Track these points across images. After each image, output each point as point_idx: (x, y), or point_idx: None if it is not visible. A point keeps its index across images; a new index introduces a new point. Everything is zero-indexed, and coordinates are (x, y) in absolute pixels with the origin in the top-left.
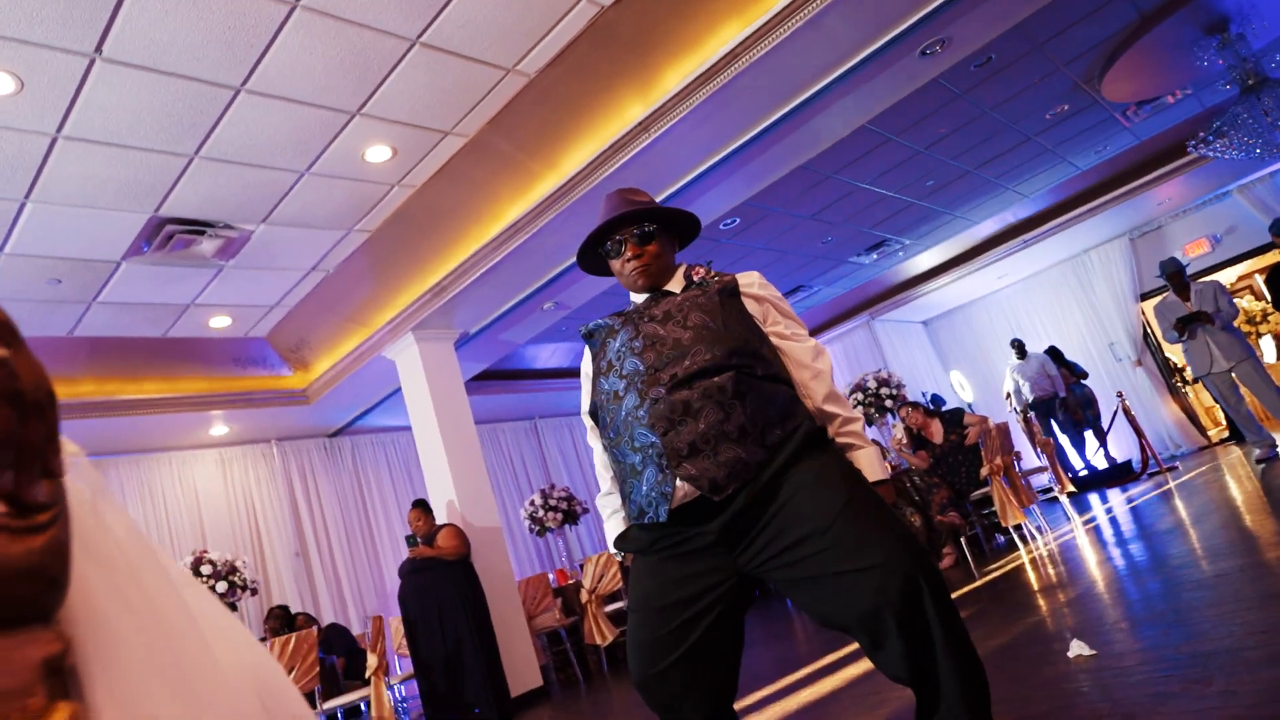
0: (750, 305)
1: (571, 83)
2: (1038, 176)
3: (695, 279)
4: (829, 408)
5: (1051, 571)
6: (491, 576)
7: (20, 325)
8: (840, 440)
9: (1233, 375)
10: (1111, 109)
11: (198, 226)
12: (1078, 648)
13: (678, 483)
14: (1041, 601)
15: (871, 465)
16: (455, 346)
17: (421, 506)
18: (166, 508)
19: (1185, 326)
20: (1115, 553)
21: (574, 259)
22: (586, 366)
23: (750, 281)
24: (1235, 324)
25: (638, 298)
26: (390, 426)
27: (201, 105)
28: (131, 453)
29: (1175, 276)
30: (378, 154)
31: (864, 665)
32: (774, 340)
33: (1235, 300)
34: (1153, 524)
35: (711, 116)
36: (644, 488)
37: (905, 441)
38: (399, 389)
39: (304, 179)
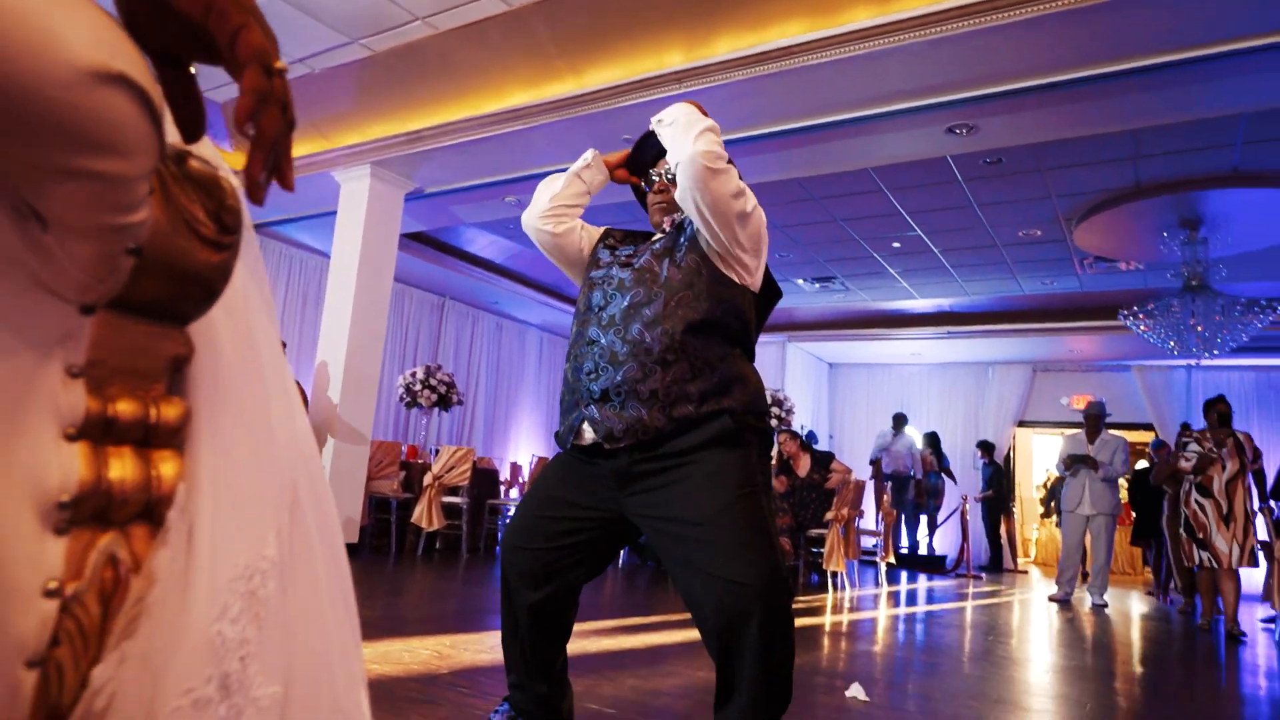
0: (696, 226)
1: (630, 3)
2: (986, 280)
3: (667, 228)
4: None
5: (848, 620)
6: (349, 419)
7: None
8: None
9: (1088, 522)
10: (1074, 252)
11: None
12: (856, 690)
13: (584, 425)
14: (833, 643)
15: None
16: (405, 198)
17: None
18: None
19: (1073, 464)
20: (908, 625)
21: (556, 167)
22: (584, 240)
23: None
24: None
25: (656, 236)
26: (305, 245)
27: None
28: None
29: (1093, 420)
30: None
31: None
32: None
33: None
34: (944, 615)
35: (742, 98)
36: (566, 415)
37: (774, 464)
38: (331, 212)
39: None
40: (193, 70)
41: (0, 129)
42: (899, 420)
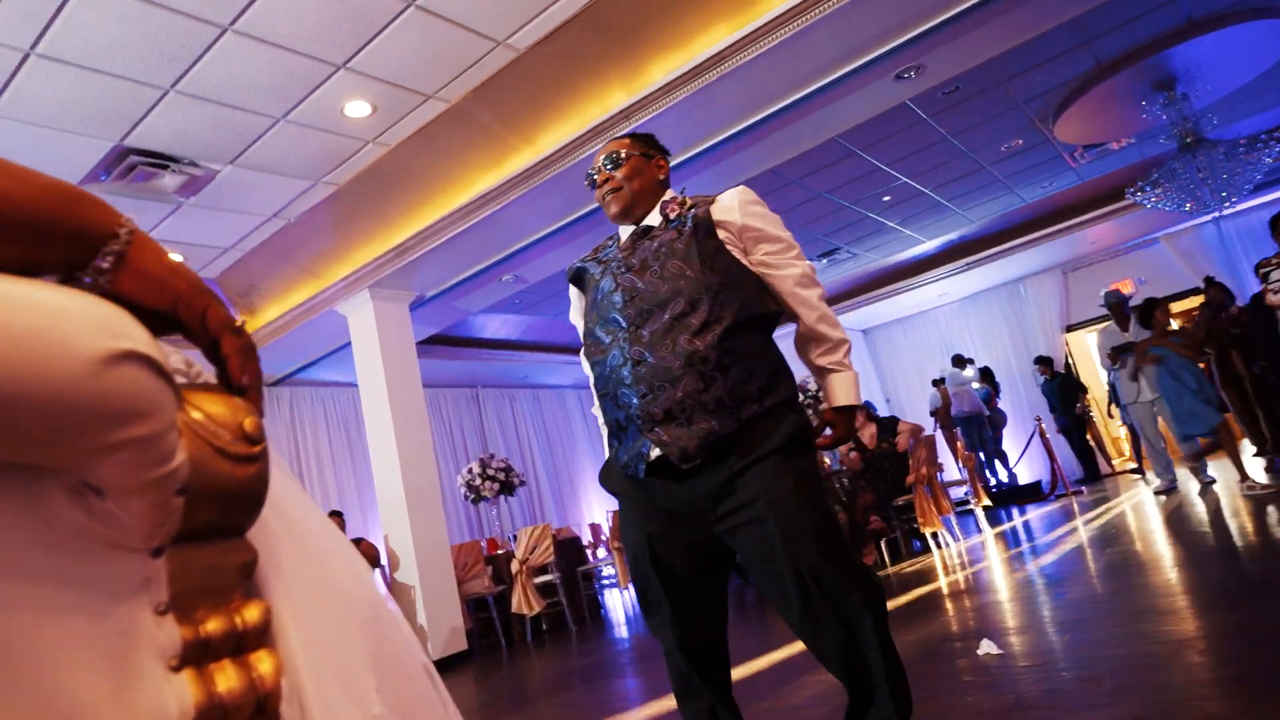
0: (727, 236)
1: (559, 63)
2: (986, 204)
3: (671, 216)
4: (820, 328)
5: (963, 577)
6: (425, 540)
7: None
8: (822, 362)
9: (1154, 407)
10: (1061, 149)
11: (163, 160)
12: (986, 646)
13: (653, 450)
14: (954, 603)
15: (847, 390)
16: (409, 308)
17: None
18: None
19: (1118, 355)
20: (1021, 564)
21: (539, 234)
22: (576, 305)
23: (728, 206)
24: None
25: (623, 232)
26: (332, 381)
27: (185, 39)
28: None
29: (1116, 308)
30: (357, 109)
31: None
32: (759, 271)
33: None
34: (1055, 542)
35: (691, 113)
36: (629, 443)
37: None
38: (346, 344)
39: (278, 125)
40: None
41: (44, 433)
42: (959, 361)
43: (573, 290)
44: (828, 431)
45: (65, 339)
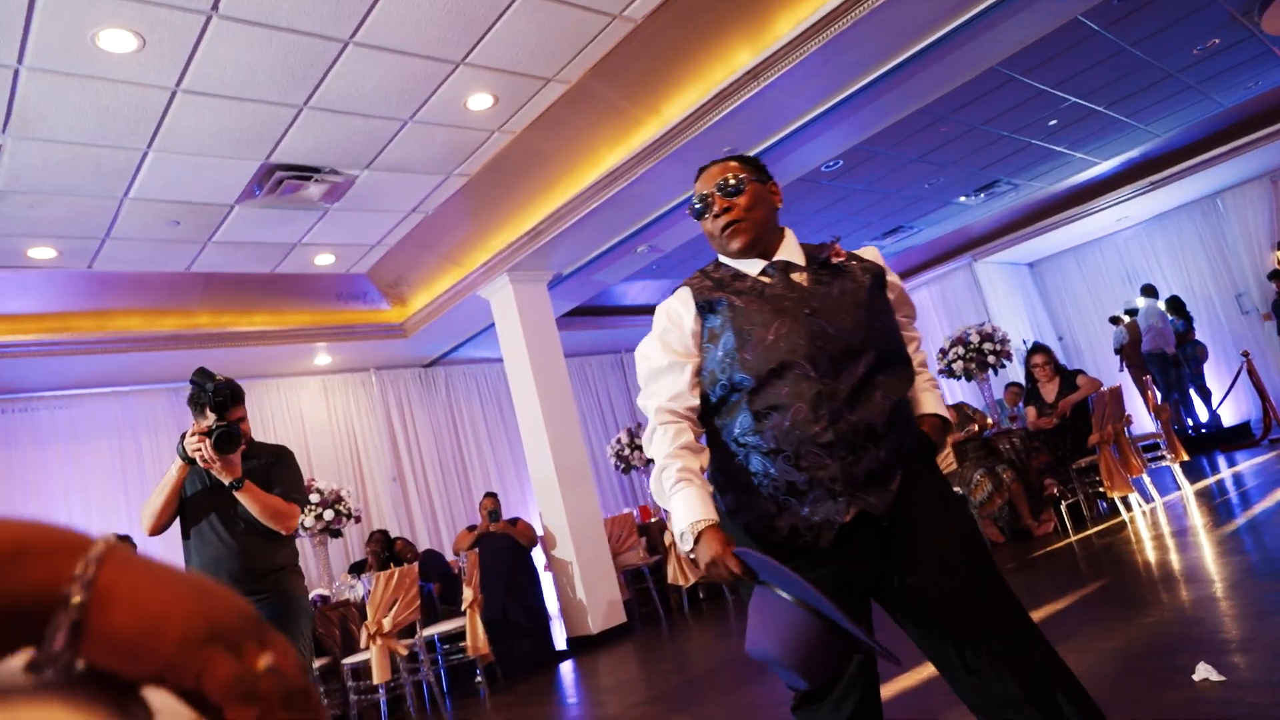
0: (891, 297)
1: (678, 29)
2: (1173, 115)
3: (835, 261)
4: (918, 366)
5: (1162, 559)
6: (578, 513)
7: (143, 263)
8: (922, 384)
9: None
10: (1270, 42)
11: (306, 172)
12: (1204, 671)
13: (850, 511)
14: (1154, 598)
15: (939, 404)
16: (548, 287)
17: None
18: (276, 432)
19: None
20: (1237, 542)
21: (671, 204)
22: (686, 329)
23: (886, 268)
24: None
25: (749, 267)
26: (482, 358)
27: (312, 58)
28: (243, 378)
29: None
30: (480, 102)
31: None
32: None
33: None
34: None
35: (825, 64)
36: (805, 509)
37: (1023, 391)
38: (492, 325)
39: (407, 127)
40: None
41: None
42: (1149, 290)
43: (688, 317)
44: None
45: None
